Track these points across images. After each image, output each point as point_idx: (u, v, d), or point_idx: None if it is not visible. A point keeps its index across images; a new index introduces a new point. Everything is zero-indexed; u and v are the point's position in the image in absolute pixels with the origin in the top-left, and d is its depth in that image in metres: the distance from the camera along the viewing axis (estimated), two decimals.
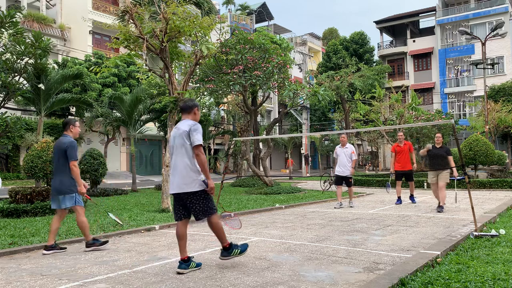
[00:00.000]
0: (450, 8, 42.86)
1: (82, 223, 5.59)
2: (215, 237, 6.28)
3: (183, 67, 12.87)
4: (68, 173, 5.54)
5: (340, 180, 10.71)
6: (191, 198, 4.40)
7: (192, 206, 4.43)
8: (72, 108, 23.17)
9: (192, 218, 4.59)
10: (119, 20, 11.35)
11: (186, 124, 4.49)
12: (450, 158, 9.38)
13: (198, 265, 4.54)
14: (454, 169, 9.47)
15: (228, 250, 4.61)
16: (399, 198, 11.12)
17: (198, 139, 4.37)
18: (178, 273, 4.34)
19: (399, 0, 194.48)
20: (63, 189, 5.53)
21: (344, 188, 11.06)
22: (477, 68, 26.59)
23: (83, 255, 5.35)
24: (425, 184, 15.47)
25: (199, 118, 4.72)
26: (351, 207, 10.51)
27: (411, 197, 11.32)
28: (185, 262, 4.40)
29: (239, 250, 4.63)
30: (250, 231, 7.04)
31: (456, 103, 41.18)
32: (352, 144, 10.53)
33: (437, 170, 9.42)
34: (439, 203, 9.40)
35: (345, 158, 10.51)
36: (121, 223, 7.12)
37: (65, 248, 5.66)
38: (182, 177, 4.39)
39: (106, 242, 5.72)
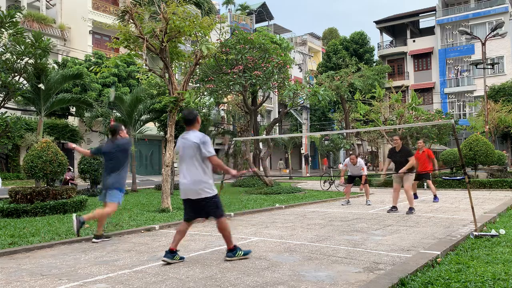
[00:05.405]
0: (450, 8, 42.85)
1: (103, 212, 6.08)
2: (215, 238, 6.32)
3: (183, 67, 12.86)
4: (123, 169, 6.13)
5: (351, 179, 11.23)
6: (205, 202, 4.81)
7: (205, 209, 4.86)
8: (72, 108, 23.16)
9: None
10: (119, 20, 11.33)
11: (194, 135, 4.83)
12: (411, 158, 9.29)
13: (182, 258, 4.93)
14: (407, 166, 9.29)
15: (232, 251, 4.95)
16: (415, 194, 11.39)
17: (210, 151, 4.76)
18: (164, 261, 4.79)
19: None
20: (114, 184, 6.06)
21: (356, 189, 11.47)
22: (477, 68, 26.58)
23: (83, 255, 5.35)
24: (425, 184, 15.45)
25: (200, 123, 5.15)
26: (368, 205, 10.89)
27: (435, 197, 11.65)
28: (171, 253, 4.83)
29: (242, 252, 4.97)
30: (250, 231, 7.04)
31: (456, 103, 41.16)
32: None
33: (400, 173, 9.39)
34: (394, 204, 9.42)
35: (355, 170, 11.12)
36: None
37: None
38: (194, 184, 4.76)
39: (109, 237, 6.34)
